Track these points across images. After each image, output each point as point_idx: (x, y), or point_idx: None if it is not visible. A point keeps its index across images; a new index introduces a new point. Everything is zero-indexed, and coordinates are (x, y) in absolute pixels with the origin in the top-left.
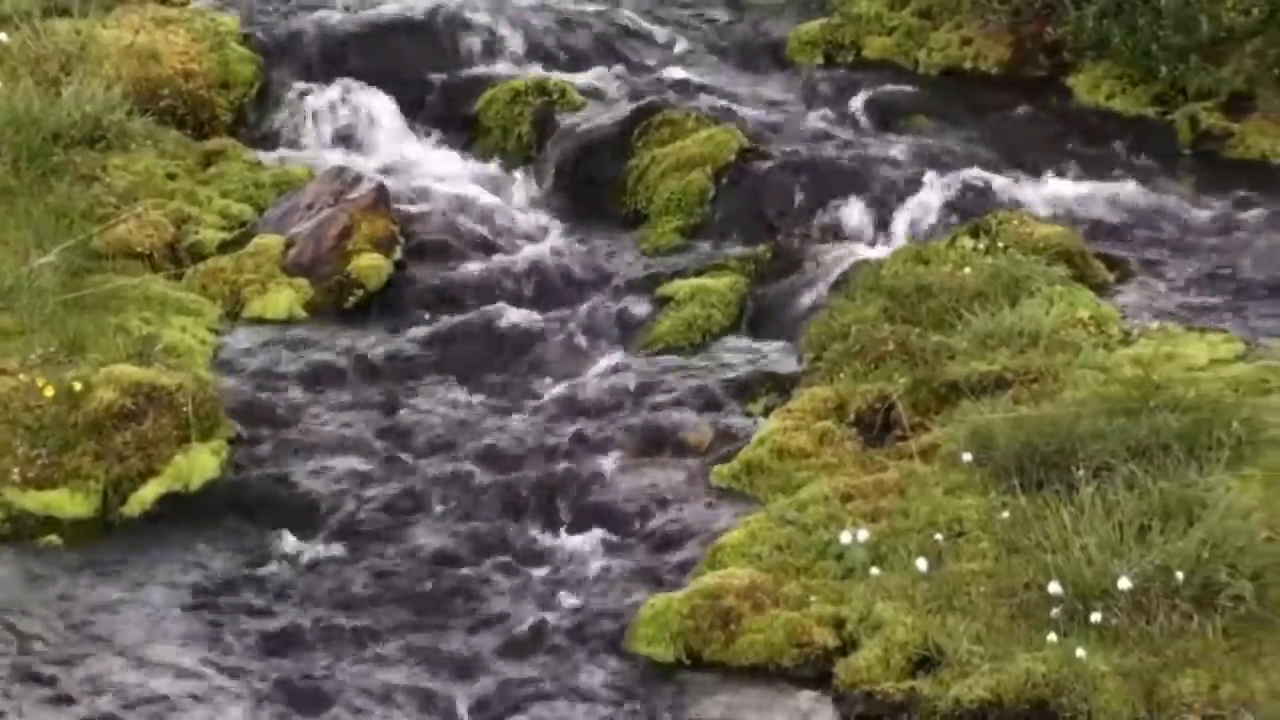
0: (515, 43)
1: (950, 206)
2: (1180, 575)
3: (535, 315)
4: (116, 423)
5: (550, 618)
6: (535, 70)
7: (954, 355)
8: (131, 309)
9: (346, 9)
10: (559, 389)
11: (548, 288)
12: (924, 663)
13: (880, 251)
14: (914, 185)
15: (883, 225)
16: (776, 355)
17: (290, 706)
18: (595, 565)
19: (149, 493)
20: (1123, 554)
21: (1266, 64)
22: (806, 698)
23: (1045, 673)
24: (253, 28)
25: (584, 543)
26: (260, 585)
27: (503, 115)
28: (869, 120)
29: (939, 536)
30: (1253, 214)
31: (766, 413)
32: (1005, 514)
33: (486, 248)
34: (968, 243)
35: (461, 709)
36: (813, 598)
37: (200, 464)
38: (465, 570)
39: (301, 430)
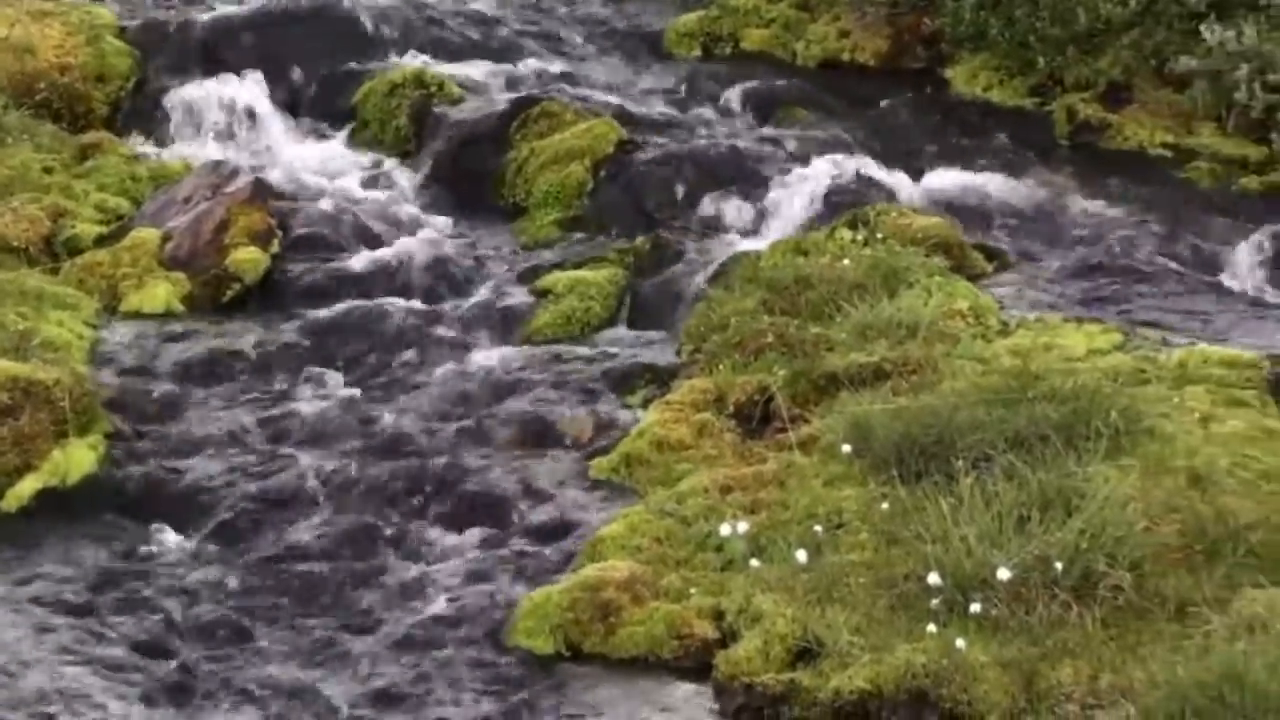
0: (394, 35)
1: (829, 198)
2: (1059, 565)
3: (414, 308)
4: None
5: (430, 611)
6: (414, 62)
7: (833, 347)
8: (8, 304)
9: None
10: (438, 382)
11: (426, 280)
12: (804, 654)
13: (759, 243)
14: (793, 177)
15: (761, 217)
16: (656, 347)
17: (170, 702)
18: (475, 558)
19: (26, 488)
20: (1002, 544)
21: (1143, 55)
22: (686, 690)
23: (925, 663)
24: (130, 21)
25: (463, 536)
26: (139, 581)
27: (381, 108)
28: (747, 112)
29: (818, 528)
30: (1130, 204)
31: (645, 405)
32: (885, 505)
33: (365, 240)
34: (846, 234)
35: (341, 704)
36: (692, 590)
37: (78, 459)
38: (345, 564)
39: (180, 424)
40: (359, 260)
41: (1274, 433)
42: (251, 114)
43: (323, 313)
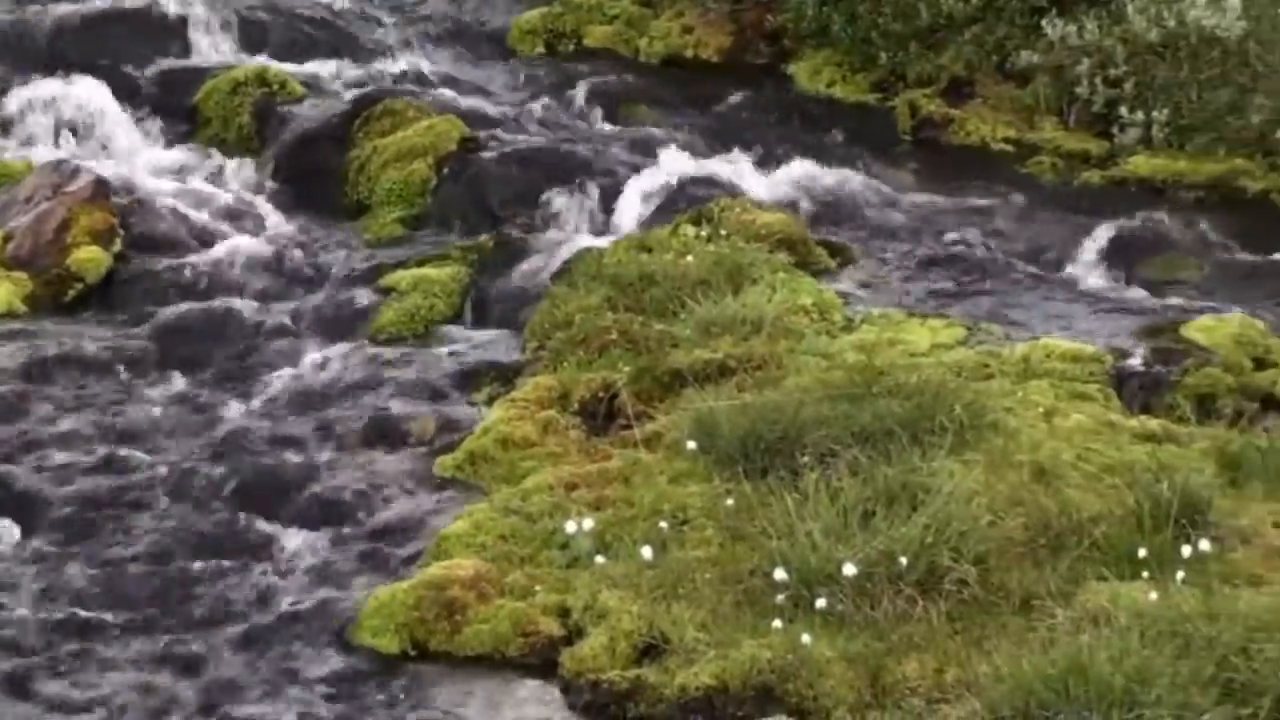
0: (236, 33)
1: (672, 194)
2: (904, 560)
3: (257, 306)
4: None
5: (274, 611)
6: (256, 61)
7: (677, 343)
8: None
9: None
10: (282, 381)
11: (269, 279)
12: (650, 650)
13: (603, 240)
14: (636, 174)
15: (605, 214)
16: (500, 345)
17: (9, 705)
18: (319, 558)
19: None
20: (847, 540)
21: (985, 51)
22: (532, 687)
23: (771, 659)
24: None
25: (308, 535)
26: None
27: (223, 106)
28: (591, 109)
29: (664, 524)
30: (972, 199)
31: (490, 402)
32: (730, 501)
33: (208, 239)
34: (690, 230)
35: (185, 705)
36: (538, 587)
37: None
38: (189, 564)
39: (22, 425)
40: (202, 259)
41: (1117, 426)
42: (93, 113)
43: (166, 312)
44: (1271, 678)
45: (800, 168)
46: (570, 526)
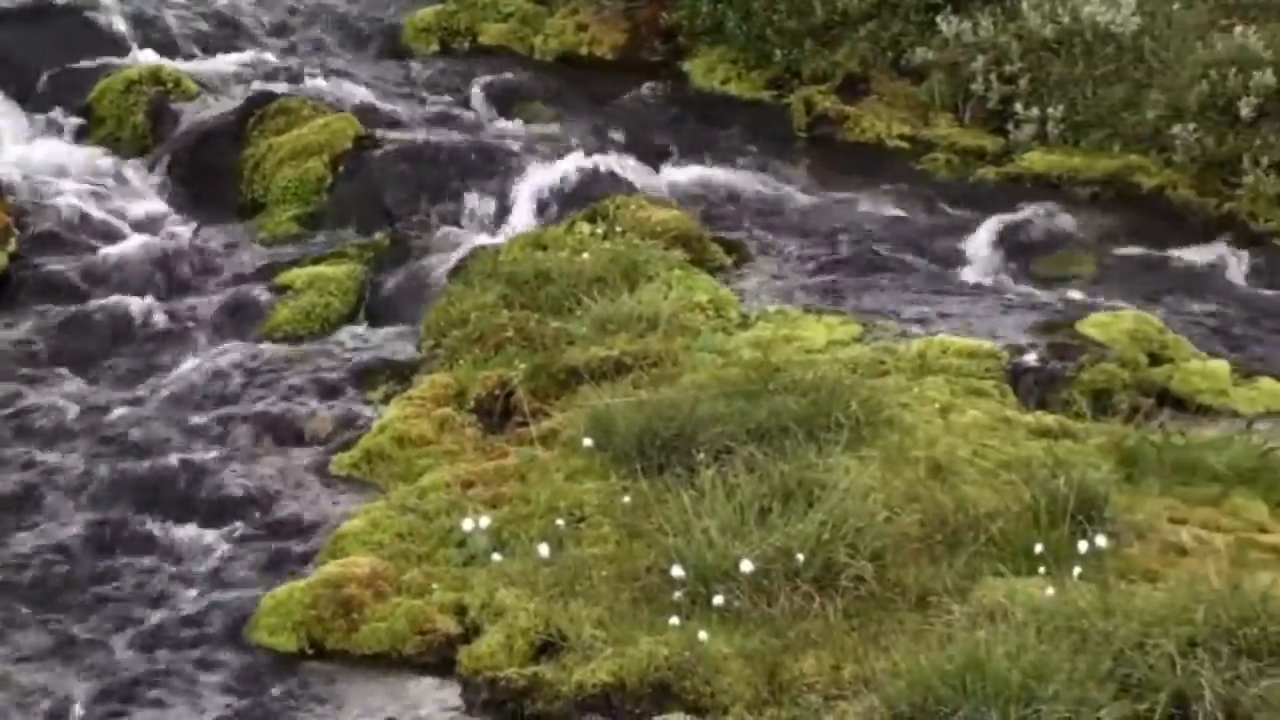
0: (130, 32)
1: (568, 192)
2: (801, 557)
3: (152, 305)
4: None
5: (171, 610)
6: (150, 59)
7: (573, 341)
8: None
9: None
10: (177, 379)
11: (165, 277)
12: (547, 648)
13: (499, 238)
14: (532, 171)
15: (501, 212)
16: (396, 343)
17: None
18: (216, 556)
19: None
20: (744, 536)
21: (880, 47)
22: (430, 685)
23: (668, 655)
24: None
25: (204, 534)
26: None
27: (117, 105)
28: (486, 107)
29: (560, 522)
30: (868, 196)
31: (387, 400)
32: (627, 498)
33: (103, 238)
34: (586, 228)
35: (80, 703)
36: (435, 585)
37: None
38: (85, 564)
39: None
40: (97, 258)
41: (1013, 422)
42: None
43: (61, 311)
44: (1167, 673)
45: (695, 165)
46: (467, 524)
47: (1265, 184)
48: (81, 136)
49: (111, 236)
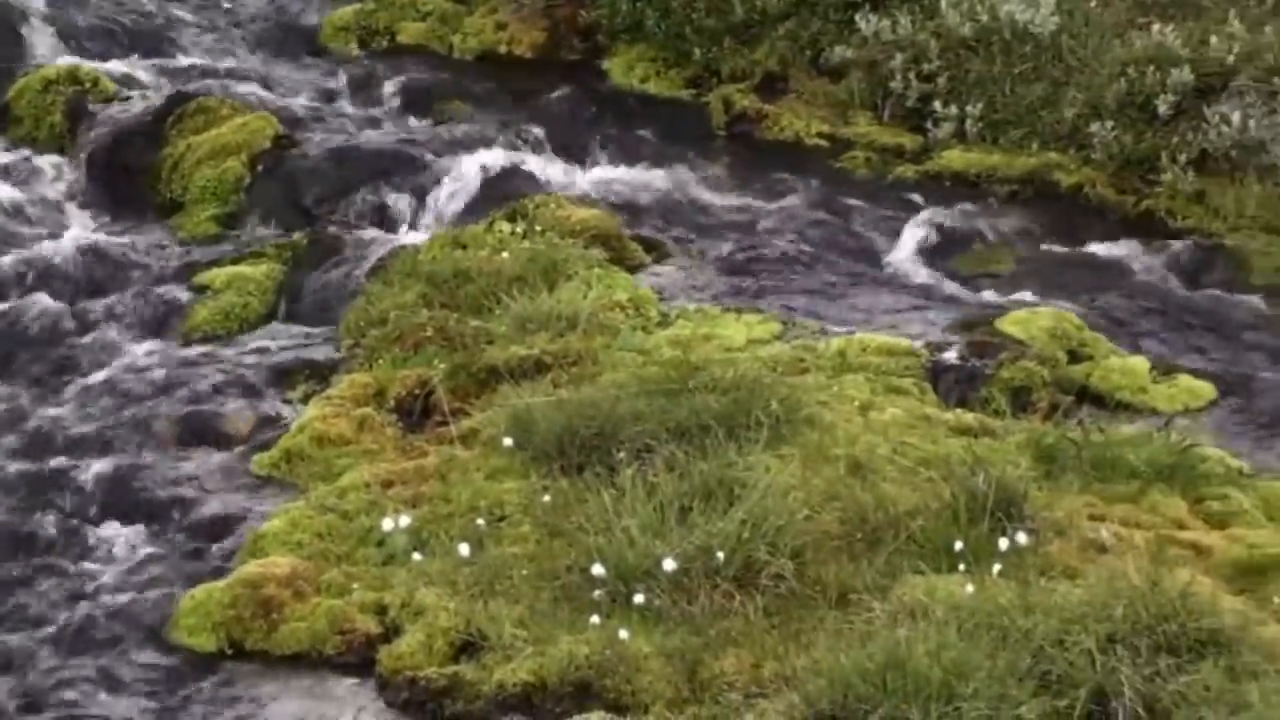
0: (47, 31)
1: (487, 191)
2: (721, 555)
3: (70, 306)
4: None
5: (90, 611)
6: (68, 59)
7: (493, 340)
8: None
9: None
10: (95, 380)
11: (82, 278)
12: (467, 647)
13: (418, 237)
14: (451, 171)
15: (420, 211)
16: (316, 342)
17: None
18: (136, 557)
19: None
20: (664, 535)
21: (799, 46)
22: (350, 685)
23: (588, 654)
24: None
25: (124, 535)
26: None
27: (34, 105)
28: (405, 106)
29: (481, 521)
30: (787, 194)
31: (306, 400)
32: (547, 497)
33: (20, 239)
34: (505, 227)
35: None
36: (355, 585)
37: None
38: (2, 565)
39: None
40: (12, 259)
41: (933, 420)
42: None
43: None
44: (1087, 669)
45: (615, 164)
46: (387, 524)
47: (1183, 181)
48: None
49: (27, 237)
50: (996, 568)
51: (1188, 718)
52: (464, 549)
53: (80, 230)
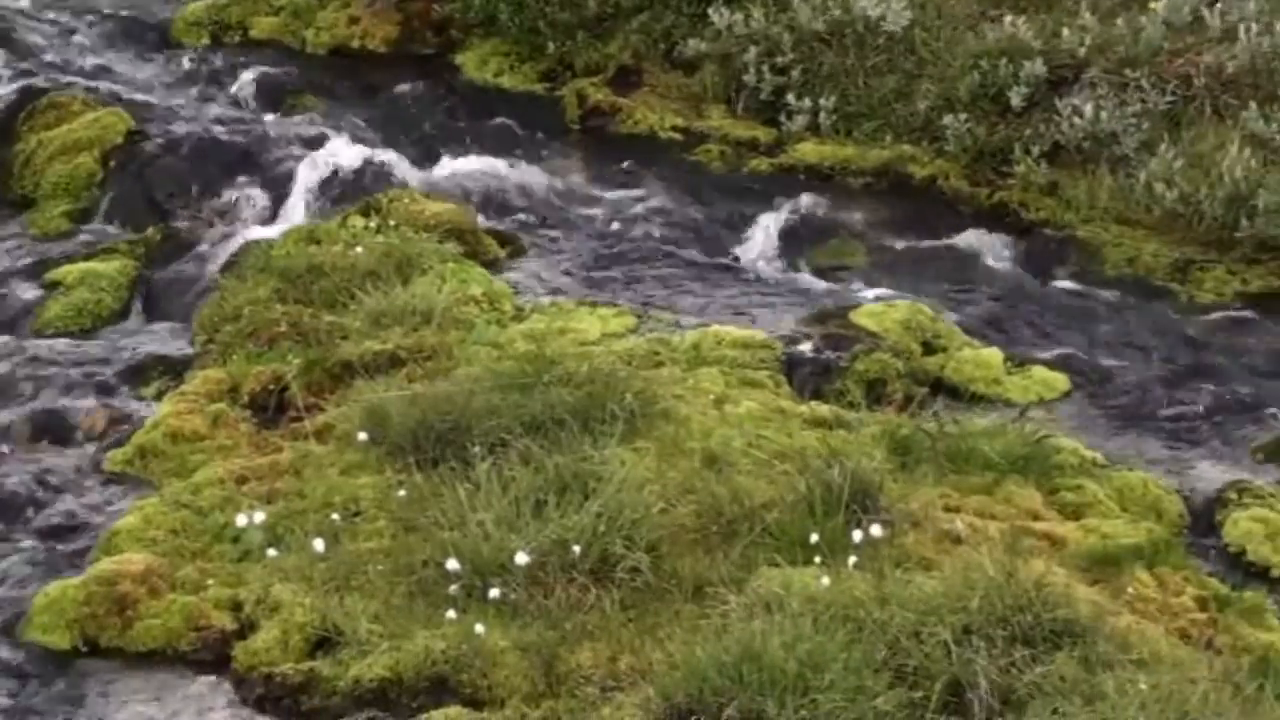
0: None
1: (341, 186)
2: (577, 549)
3: None
4: None
5: None
6: None
7: (347, 335)
8: None
9: None
10: None
11: None
12: (323, 643)
13: (272, 232)
14: (305, 165)
15: (274, 206)
16: (169, 338)
17: None
18: None
19: None
20: (520, 529)
21: (653, 39)
22: (205, 682)
23: (445, 649)
24: None
25: None
26: None
27: None
28: (258, 101)
29: (336, 516)
30: (641, 188)
31: (160, 396)
32: (402, 492)
33: None
34: (359, 222)
35: None
36: (210, 581)
37: None
38: None
39: None
40: None
41: (788, 413)
42: None
43: None
44: (942, 661)
45: (469, 158)
46: (241, 520)
47: (1036, 173)
48: None
49: None
50: (852, 560)
51: (1043, 709)
52: (319, 544)
53: None
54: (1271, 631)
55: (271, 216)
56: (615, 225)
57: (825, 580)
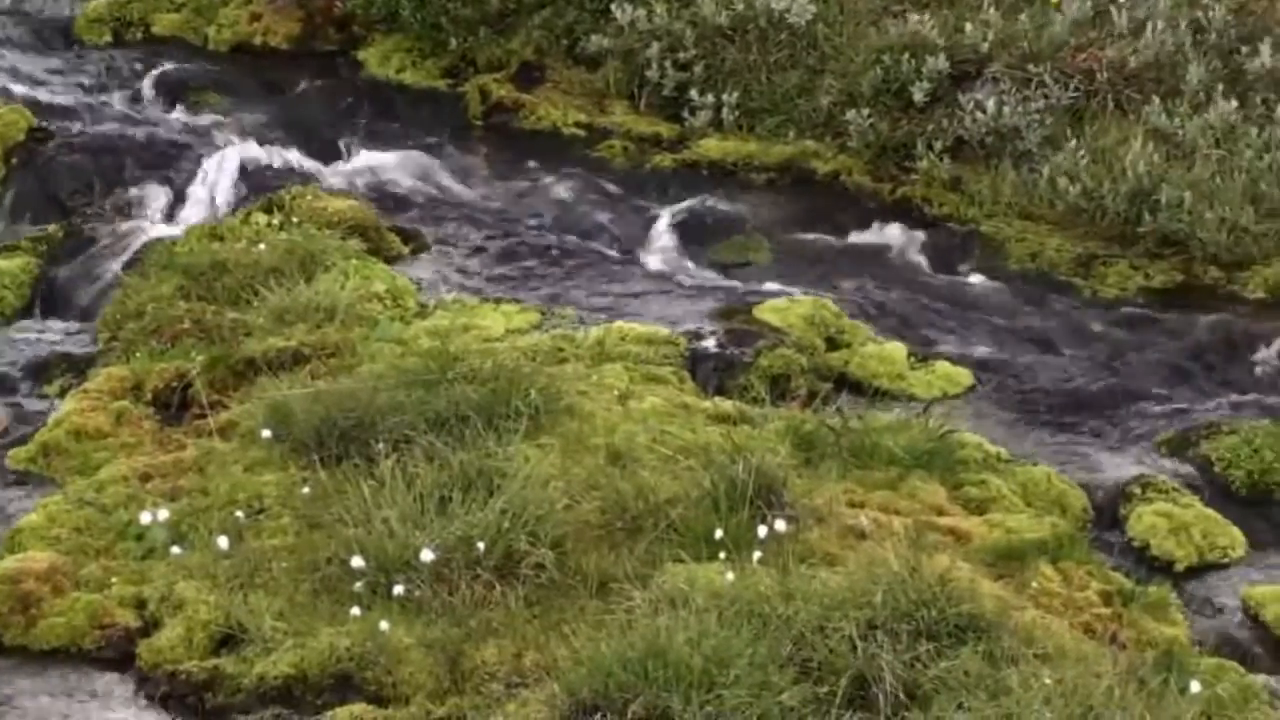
0: None
1: (244, 183)
2: (482, 545)
3: None
4: None
5: None
6: None
7: (251, 332)
8: None
9: None
10: None
11: None
12: (227, 640)
13: (175, 229)
14: (208, 163)
15: (177, 203)
16: (72, 336)
17: None
18: None
19: None
20: (424, 526)
21: (555, 35)
22: (109, 679)
23: (349, 646)
24: None
25: None
26: None
27: None
28: (160, 98)
29: (240, 514)
30: (545, 184)
31: (63, 394)
32: (306, 489)
33: None
34: (262, 219)
35: None
36: (114, 579)
37: None
38: None
39: None
40: None
41: (692, 408)
42: None
43: None
44: (847, 656)
45: (371, 155)
46: (145, 517)
47: (939, 168)
48: None
49: None
50: (757, 555)
51: (948, 704)
52: (223, 542)
53: None
54: (1175, 626)
55: (174, 214)
56: (519, 221)
57: (730, 576)
